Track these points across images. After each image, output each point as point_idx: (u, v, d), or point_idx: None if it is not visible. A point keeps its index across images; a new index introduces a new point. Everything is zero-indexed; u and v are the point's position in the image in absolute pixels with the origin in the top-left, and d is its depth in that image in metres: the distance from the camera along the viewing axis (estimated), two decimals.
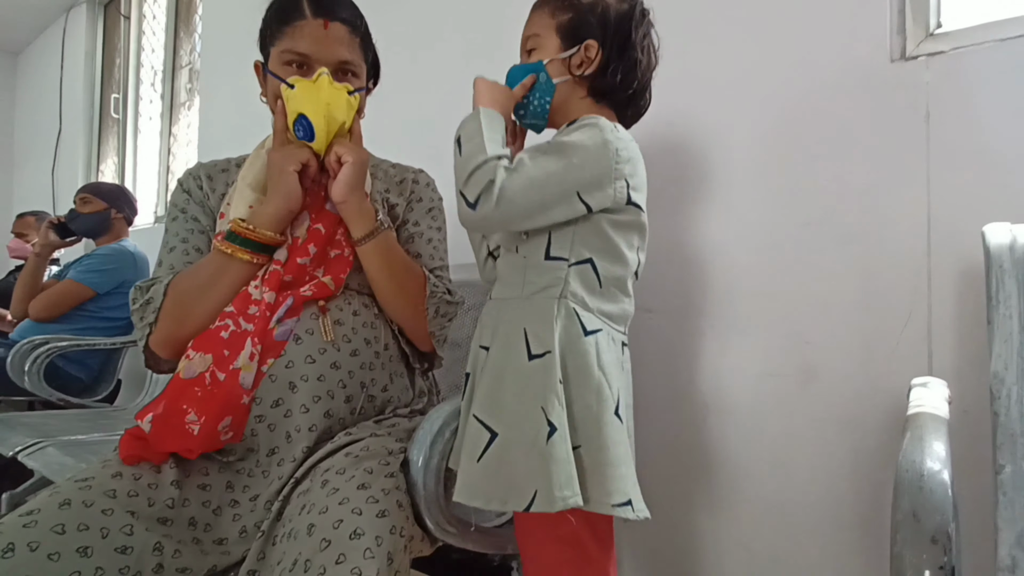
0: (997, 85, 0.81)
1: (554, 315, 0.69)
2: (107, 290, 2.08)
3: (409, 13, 1.61)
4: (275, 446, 0.77)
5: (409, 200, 0.97)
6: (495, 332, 0.74)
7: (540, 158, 0.69)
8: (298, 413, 0.77)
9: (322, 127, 0.82)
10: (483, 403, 0.70)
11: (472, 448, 0.69)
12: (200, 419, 0.72)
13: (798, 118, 0.96)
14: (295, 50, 0.83)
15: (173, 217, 0.91)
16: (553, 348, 0.68)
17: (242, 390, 0.75)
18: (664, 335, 1.09)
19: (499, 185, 0.66)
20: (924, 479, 0.47)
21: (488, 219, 0.68)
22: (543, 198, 0.68)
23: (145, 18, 3.29)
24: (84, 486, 0.67)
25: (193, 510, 0.72)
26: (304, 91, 0.82)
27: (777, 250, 0.98)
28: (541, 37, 0.78)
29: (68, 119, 3.61)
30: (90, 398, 2.04)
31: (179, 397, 0.74)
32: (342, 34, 0.85)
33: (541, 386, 0.67)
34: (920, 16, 0.90)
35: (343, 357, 0.81)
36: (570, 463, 0.64)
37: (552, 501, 0.63)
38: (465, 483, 0.68)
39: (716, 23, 1.04)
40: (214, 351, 0.76)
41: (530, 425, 0.66)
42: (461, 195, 0.69)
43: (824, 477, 0.92)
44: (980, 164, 0.81)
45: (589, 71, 0.76)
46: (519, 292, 0.73)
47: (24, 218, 2.84)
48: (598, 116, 0.74)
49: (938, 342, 0.83)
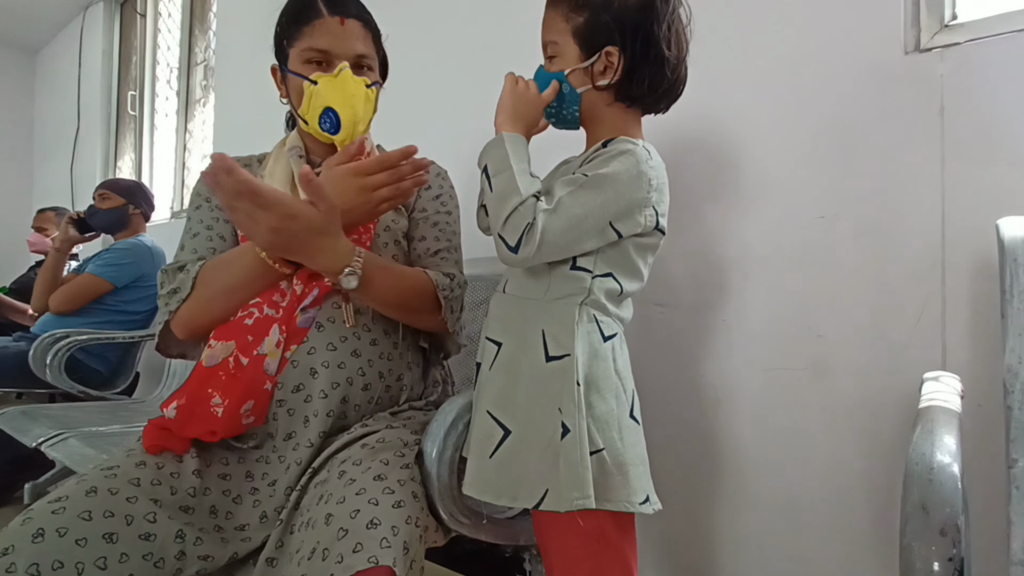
0: (1013, 77, 0.80)
1: (575, 320, 0.70)
2: (125, 284, 2.12)
3: (417, 8, 1.62)
4: (292, 430, 0.78)
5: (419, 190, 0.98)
6: (507, 328, 0.74)
7: (579, 194, 0.68)
8: (316, 398, 0.79)
9: (348, 119, 0.85)
10: (497, 400, 0.71)
11: (484, 444, 0.70)
12: (224, 402, 0.74)
13: (811, 111, 0.96)
14: (316, 47, 0.86)
15: (196, 206, 0.93)
16: (573, 352, 0.68)
17: (266, 376, 0.77)
18: (676, 329, 1.09)
19: (540, 228, 0.66)
20: (934, 471, 0.47)
21: (529, 260, 0.68)
22: (580, 234, 0.68)
23: (161, 16, 3.33)
24: (110, 474, 0.69)
25: (214, 499, 0.73)
26: (328, 85, 0.85)
27: (790, 243, 0.97)
28: (559, 44, 0.75)
29: (86, 116, 3.67)
30: (109, 391, 2.08)
31: (203, 383, 0.75)
32: (357, 30, 0.89)
33: (558, 388, 0.67)
34: (935, 7, 0.89)
35: (363, 345, 0.83)
36: (583, 466, 0.65)
37: (561, 501, 0.64)
38: (476, 478, 0.70)
39: (727, 18, 1.04)
40: (237, 337, 0.78)
41: (545, 425, 0.67)
42: (500, 238, 0.68)
43: (836, 471, 0.92)
44: (995, 157, 0.80)
45: (614, 79, 0.73)
46: (541, 295, 0.73)
47: (44, 213, 2.90)
48: (635, 140, 0.72)
49: (952, 336, 0.83)
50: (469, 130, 1.46)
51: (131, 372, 2.17)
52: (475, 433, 0.73)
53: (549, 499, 0.65)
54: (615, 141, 0.73)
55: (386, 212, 0.82)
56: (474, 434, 0.73)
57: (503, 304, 0.77)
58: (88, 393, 1.96)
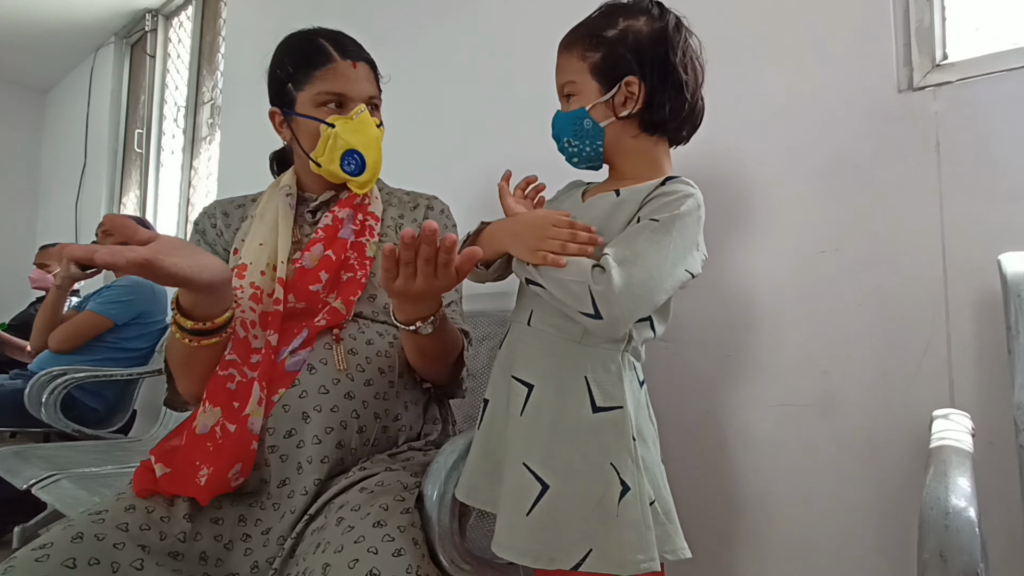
0: (1006, 114, 0.81)
1: (621, 368, 0.67)
2: (125, 321, 2.10)
3: (423, 45, 1.66)
4: (286, 477, 0.76)
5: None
6: (540, 369, 0.68)
7: (655, 238, 0.64)
8: (310, 444, 0.77)
9: (373, 160, 0.88)
10: (533, 451, 0.65)
11: (519, 499, 0.64)
12: (210, 470, 0.72)
13: (812, 149, 0.97)
14: (331, 91, 0.88)
15: None
16: (624, 403, 0.65)
17: (252, 435, 0.75)
18: (681, 366, 1.08)
19: (616, 283, 0.61)
20: (950, 516, 0.46)
21: (622, 320, 0.63)
22: (662, 278, 0.64)
23: (170, 56, 3.41)
24: (97, 519, 0.67)
25: (205, 544, 0.71)
26: (348, 128, 0.87)
27: (793, 279, 0.97)
28: (577, 83, 0.74)
29: (93, 153, 3.72)
30: (105, 429, 2.04)
31: (192, 451, 0.74)
32: (367, 72, 0.92)
33: (612, 442, 0.64)
34: (926, 48, 0.91)
35: (357, 387, 0.81)
36: (646, 526, 0.62)
37: (612, 563, 0.61)
38: (508, 538, 0.64)
39: (727, 57, 1.06)
40: (223, 404, 0.76)
41: (593, 481, 0.63)
42: (581, 315, 0.63)
43: (846, 510, 0.90)
44: (991, 192, 0.81)
45: (636, 109, 0.72)
46: (576, 336, 0.68)
47: (47, 250, 2.91)
48: (690, 182, 0.70)
49: (958, 372, 0.82)
50: (471, 162, 1.48)
51: (128, 410, 2.14)
52: (507, 486, 0.66)
53: (593, 560, 0.61)
54: (676, 181, 0.70)
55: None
56: (506, 488, 0.66)
57: (530, 340, 0.71)
58: (84, 432, 1.92)
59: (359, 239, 0.89)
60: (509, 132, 1.40)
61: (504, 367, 0.72)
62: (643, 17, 0.72)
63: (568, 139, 0.76)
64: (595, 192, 0.77)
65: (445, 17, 1.61)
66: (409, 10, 1.69)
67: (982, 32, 0.90)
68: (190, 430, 0.76)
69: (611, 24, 0.73)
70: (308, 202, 0.94)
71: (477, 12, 1.53)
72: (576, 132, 0.74)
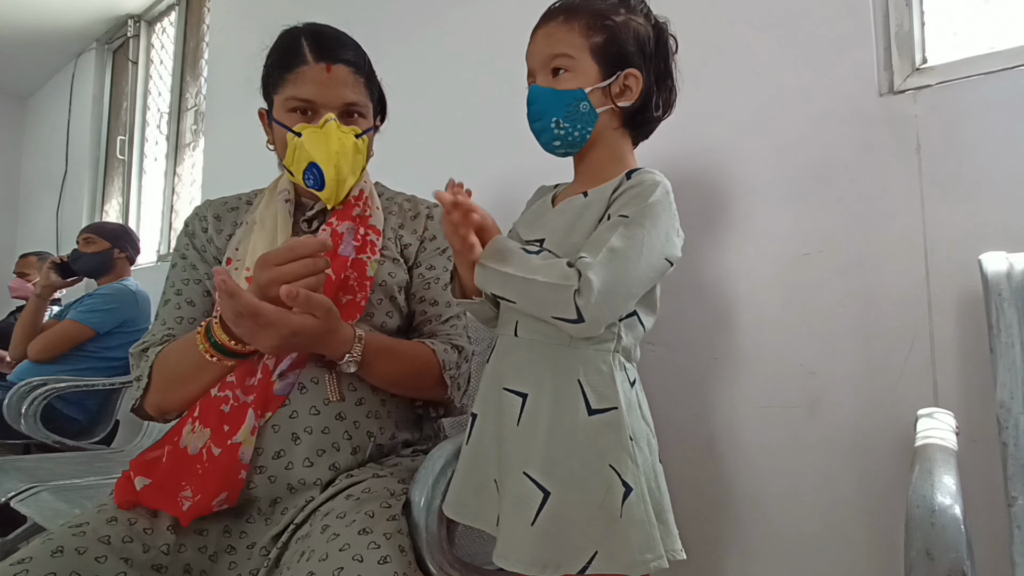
0: (985, 116, 0.82)
1: (613, 369, 0.66)
2: (107, 330, 2.07)
3: (419, 46, 1.65)
4: (277, 496, 0.74)
5: (422, 239, 0.94)
6: (531, 378, 0.66)
7: (629, 233, 0.63)
8: (301, 466, 0.74)
9: (332, 175, 0.82)
10: (533, 460, 0.64)
11: (521, 509, 0.63)
12: (195, 497, 0.70)
13: (794, 152, 0.98)
14: (299, 96, 0.82)
15: (173, 263, 0.91)
16: (619, 404, 0.64)
17: (240, 464, 0.72)
18: (667, 368, 1.08)
19: (595, 284, 0.59)
20: (935, 515, 0.46)
21: (603, 319, 0.61)
22: (640, 273, 0.63)
23: (153, 63, 3.38)
24: (78, 532, 0.65)
25: (189, 556, 0.70)
26: (312, 138, 0.81)
27: (778, 281, 0.98)
28: (575, 60, 0.69)
29: (74, 161, 3.67)
30: (87, 440, 2.01)
31: (178, 470, 0.72)
32: (346, 76, 0.84)
33: (610, 444, 0.63)
34: (905, 52, 0.92)
35: (348, 407, 0.78)
36: (650, 524, 0.62)
37: (620, 564, 0.60)
38: (512, 549, 0.63)
39: (709, 61, 1.07)
40: (213, 425, 0.74)
41: (592, 484, 0.62)
42: (560, 320, 0.61)
43: (833, 508, 0.90)
44: (972, 193, 0.82)
45: (630, 102, 0.70)
46: (565, 340, 0.66)
47: (27, 258, 2.86)
48: (652, 171, 0.68)
49: (942, 371, 0.83)
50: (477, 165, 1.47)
51: (111, 420, 2.10)
52: (509, 498, 0.65)
53: (599, 562, 0.60)
54: (640, 172, 0.68)
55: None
56: (507, 499, 0.65)
57: (519, 350, 0.69)
58: (64, 443, 1.89)
59: (360, 256, 0.85)
60: (509, 133, 1.39)
61: (494, 380, 0.70)
62: (640, 16, 0.72)
63: (558, 119, 0.69)
64: (564, 196, 0.75)
65: (443, 17, 1.61)
66: (405, 12, 1.69)
67: (961, 36, 0.91)
68: (174, 445, 0.74)
69: (615, 11, 0.70)
70: (304, 209, 0.90)
71: (477, 12, 1.52)
72: (569, 113, 0.69)
